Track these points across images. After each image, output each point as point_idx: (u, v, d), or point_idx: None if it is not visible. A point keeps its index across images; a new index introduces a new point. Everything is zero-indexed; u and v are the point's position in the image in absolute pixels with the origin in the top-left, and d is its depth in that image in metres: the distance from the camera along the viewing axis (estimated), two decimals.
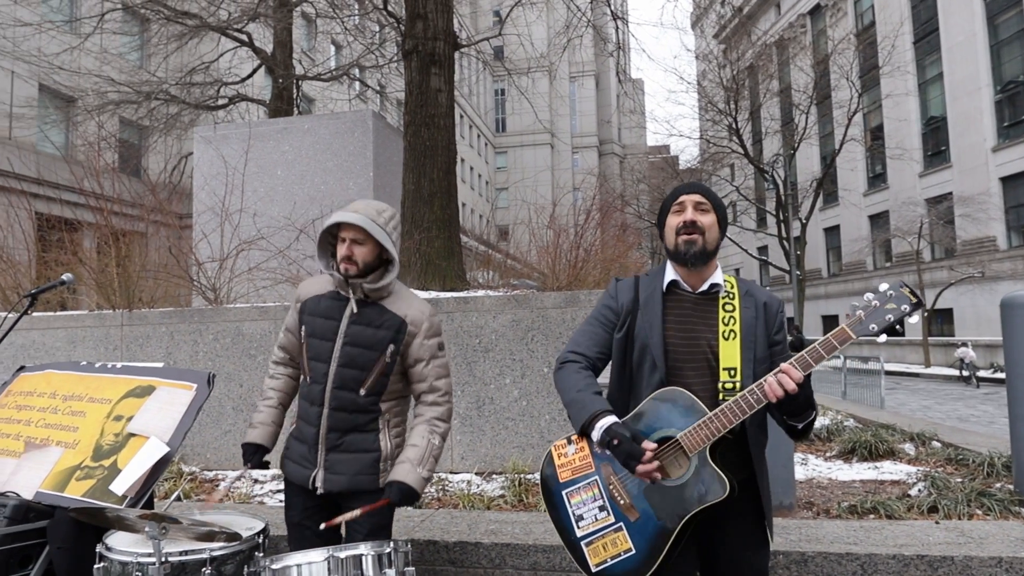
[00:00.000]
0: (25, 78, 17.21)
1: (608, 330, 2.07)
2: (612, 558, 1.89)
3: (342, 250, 2.30)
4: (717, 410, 1.83)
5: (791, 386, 1.75)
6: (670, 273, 2.06)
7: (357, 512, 2.20)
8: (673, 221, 2.03)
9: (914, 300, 1.82)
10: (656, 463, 1.82)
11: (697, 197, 2.01)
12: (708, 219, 2.00)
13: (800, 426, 1.91)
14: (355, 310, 2.34)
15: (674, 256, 2.02)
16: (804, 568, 2.93)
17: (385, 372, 2.32)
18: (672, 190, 2.10)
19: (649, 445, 1.83)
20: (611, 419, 1.89)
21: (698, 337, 1.97)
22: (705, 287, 2.02)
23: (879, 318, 1.82)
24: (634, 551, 1.87)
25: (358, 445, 2.31)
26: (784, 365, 1.79)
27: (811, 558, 2.93)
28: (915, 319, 1.82)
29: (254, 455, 2.44)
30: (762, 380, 1.81)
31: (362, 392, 2.31)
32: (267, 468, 2.50)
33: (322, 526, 2.23)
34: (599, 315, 2.11)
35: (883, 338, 1.82)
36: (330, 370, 2.32)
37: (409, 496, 2.25)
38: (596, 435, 1.89)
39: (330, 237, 2.39)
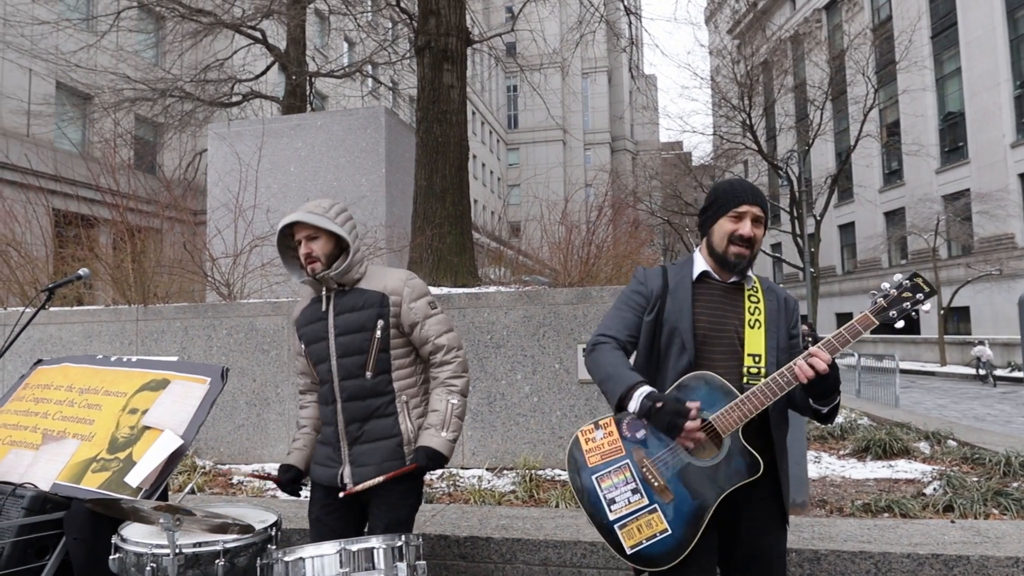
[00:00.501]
0: (43, 76, 17.38)
1: (638, 314, 2.12)
2: (648, 539, 1.91)
3: (302, 250, 2.38)
4: (748, 392, 1.90)
5: (822, 367, 1.84)
6: (700, 264, 2.12)
7: (380, 479, 2.22)
8: (729, 227, 2.06)
9: (927, 289, 1.93)
10: (699, 422, 1.89)
11: (758, 211, 2.06)
12: (759, 233, 2.08)
13: (826, 410, 1.98)
14: (334, 302, 2.39)
15: (721, 261, 2.07)
16: (817, 566, 2.91)
17: (383, 348, 2.35)
18: (731, 189, 2.10)
19: (693, 404, 1.89)
20: (650, 388, 1.94)
21: (726, 323, 2.04)
22: (735, 278, 2.10)
23: (898, 306, 1.92)
24: (670, 531, 1.91)
25: (379, 432, 2.33)
26: (813, 348, 1.89)
27: (824, 556, 2.91)
28: (927, 307, 1.93)
29: (286, 473, 2.47)
30: (791, 363, 1.90)
31: (368, 375, 2.34)
32: (298, 496, 2.53)
33: (341, 494, 2.28)
34: (628, 300, 2.15)
35: (901, 323, 1.92)
36: (332, 365, 2.36)
37: (436, 460, 2.28)
38: (635, 404, 1.92)
39: (290, 251, 2.48)
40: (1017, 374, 19.65)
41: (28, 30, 15.06)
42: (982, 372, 20.55)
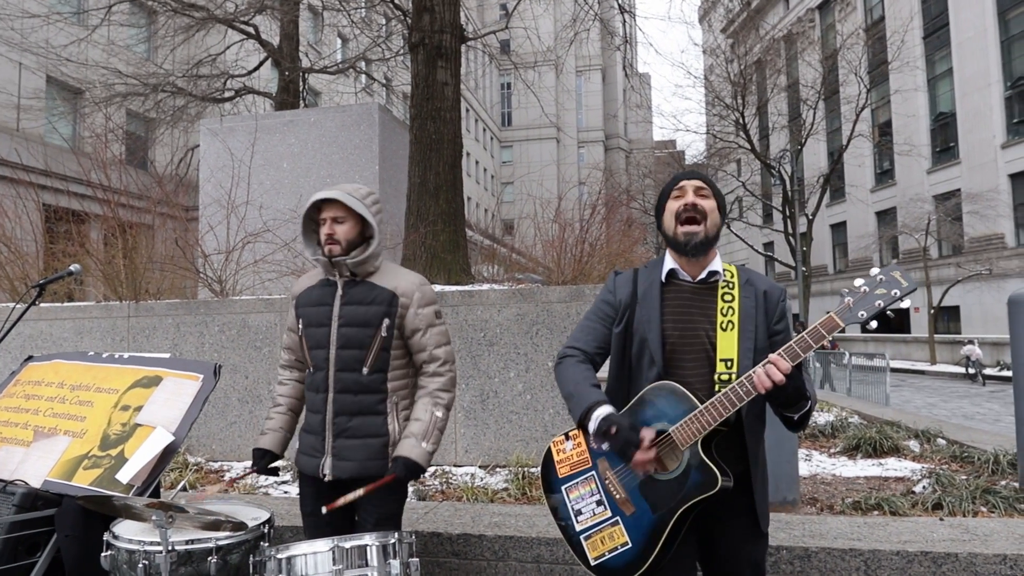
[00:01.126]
0: (33, 70, 17.24)
1: (607, 325, 2.07)
2: (610, 552, 1.91)
3: (324, 231, 2.34)
4: (708, 403, 1.81)
5: (778, 377, 1.72)
6: (668, 262, 2.04)
7: (360, 492, 2.21)
8: (673, 205, 2.00)
9: (904, 284, 1.76)
10: (653, 452, 1.82)
11: (697, 182, 2.00)
12: (709, 204, 1.98)
13: (796, 417, 1.88)
14: (343, 291, 2.36)
15: (674, 246, 2.00)
16: (807, 563, 2.93)
17: (385, 347, 2.34)
18: (671, 178, 2.08)
19: (648, 433, 1.83)
20: (608, 409, 1.89)
21: (696, 329, 1.95)
22: (704, 275, 1.99)
23: (868, 304, 1.77)
24: (630, 544, 1.88)
25: (366, 430, 2.32)
26: (772, 356, 1.76)
27: (814, 553, 2.93)
28: (906, 303, 1.78)
29: (262, 459, 2.45)
30: (751, 371, 1.78)
31: (365, 371, 2.32)
32: (276, 475, 2.51)
33: (324, 509, 2.25)
34: (597, 310, 2.11)
35: (873, 324, 1.78)
36: (330, 354, 2.33)
37: (414, 471, 2.26)
38: (592, 425, 1.89)
39: (312, 224, 2.43)
40: (1006, 373, 19.80)
41: (18, 23, 14.94)
42: (971, 371, 20.73)
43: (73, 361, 3.12)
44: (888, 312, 1.77)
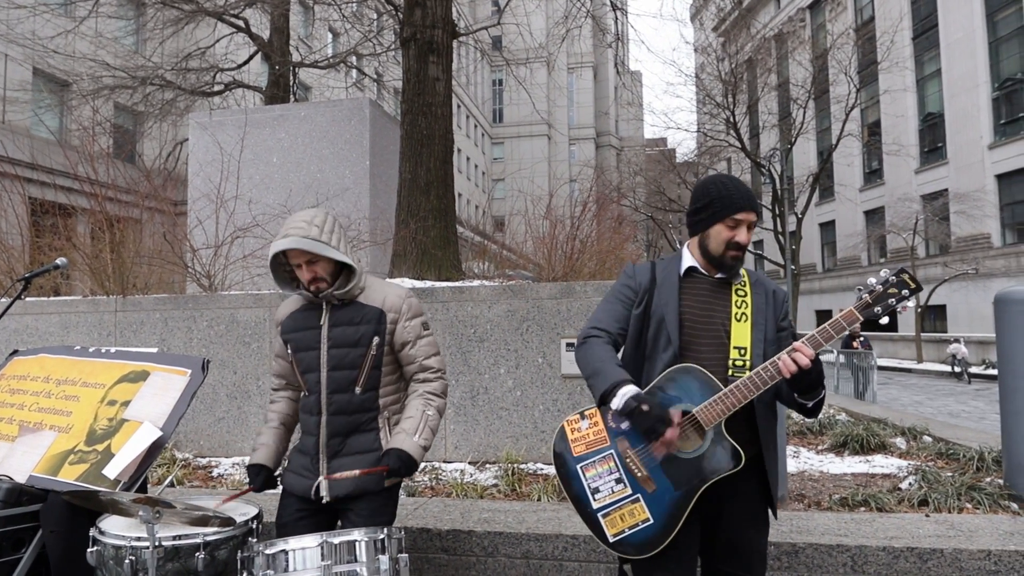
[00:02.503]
0: (19, 61, 17.04)
1: (627, 307, 2.14)
2: (630, 528, 1.95)
3: (304, 275, 2.29)
4: (732, 386, 1.92)
5: (805, 362, 1.86)
6: (688, 260, 2.14)
7: (356, 472, 2.21)
8: (726, 234, 2.05)
9: (912, 286, 1.95)
10: (679, 431, 1.91)
11: (753, 218, 2.07)
12: (751, 237, 2.10)
13: (811, 404, 2.00)
14: (329, 312, 2.34)
15: (716, 263, 2.09)
16: (795, 559, 2.95)
17: (376, 365, 2.33)
18: (728, 194, 2.05)
19: (675, 412, 1.91)
20: (635, 388, 1.95)
21: (713, 316, 2.06)
22: (722, 275, 2.12)
23: (883, 302, 1.94)
24: (652, 521, 1.94)
25: (359, 447, 2.31)
26: (797, 343, 1.90)
27: (802, 549, 2.94)
28: (912, 303, 1.95)
29: (257, 476, 2.41)
30: (775, 357, 1.92)
31: (357, 390, 2.31)
32: (275, 487, 2.48)
33: (323, 480, 2.26)
34: (618, 293, 2.17)
35: (885, 320, 1.94)
36: (321, 377, 2.32)
37: (407, 463, 2.25)
38: (618, 402, 1.93)
39: (282, 269, 2.39)
40: (991, 371, 20.01)
41: (4, 14, 14.76)
42: (957, 369, 20.93)
43: (59, 355, 3.09)
44: (897, 310, 1.95)
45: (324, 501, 2.28)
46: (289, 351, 2.40)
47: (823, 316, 35.68)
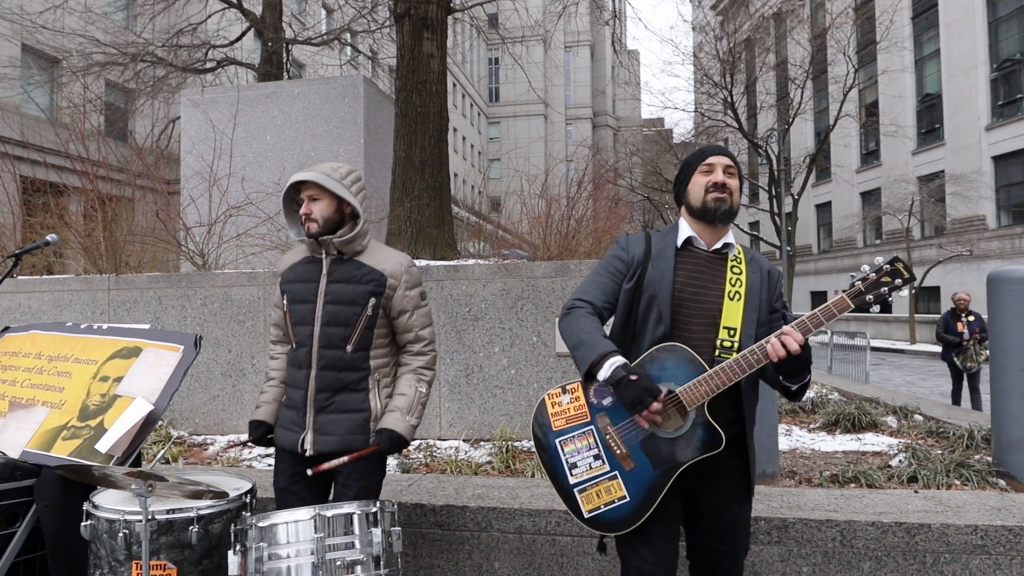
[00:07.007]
0: (7, 37, 16.78)
1: (617, 280, 2.10)
2: (605, 505, 1.95)
3: (302, 209, 2.34)
4: (718, 367, 1.90)
5: (794, 347, 1.85)
6: (685, 230, 2.10)
7: (345, 459, 2.23)
8: (702, 179, 2.06)
9: (907, 275, 1.92)
10: (662, 407, 1.90)
11: (727, 160, 2.07)
12: (734, 183, 2.07)
13: (795, 387, 2.00)
14: (329, 268, 2.36)
15: (701, 213, 2.06)
16: (785, 534, 2.98)
17: (369, 325, 2.34)
18: (698, 150, 2.14)
19: (665, 386, 1.91)
20: (623, 359, 1.93)
21: (707, 293, 2.03)
22: (719, 245, 2.08)
23: (876, 290, 1.92)
24: (628, 499, 1.93)
25: (348, 405, 2.32)
26: (786, 328, 1.88)
27: (792, 524, 2.98)
28: (904, 292, 1.93)
29: (257, 429, 2.45)
30: (764, 341, 1.89)
31: (349, 348, 2.32)
32: (271, 445, 2.50)
33: (310, 471, 2.26)
34: (608, 265, 2.13)
35: (876, 308, 1.92)
36: (315, 331, 2.33)
37: (398, 443, 2.29)
38: (606, 371, 1.92)
39: (294, 205, 2.43)
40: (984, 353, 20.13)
41: None
42: None
43: (51, 332, 3.08)
44: (889, 299, 1.92)
45: (307, 455, 2.30)
46: (285, 301, 2.41)
47: (818, 297, 35.80)
